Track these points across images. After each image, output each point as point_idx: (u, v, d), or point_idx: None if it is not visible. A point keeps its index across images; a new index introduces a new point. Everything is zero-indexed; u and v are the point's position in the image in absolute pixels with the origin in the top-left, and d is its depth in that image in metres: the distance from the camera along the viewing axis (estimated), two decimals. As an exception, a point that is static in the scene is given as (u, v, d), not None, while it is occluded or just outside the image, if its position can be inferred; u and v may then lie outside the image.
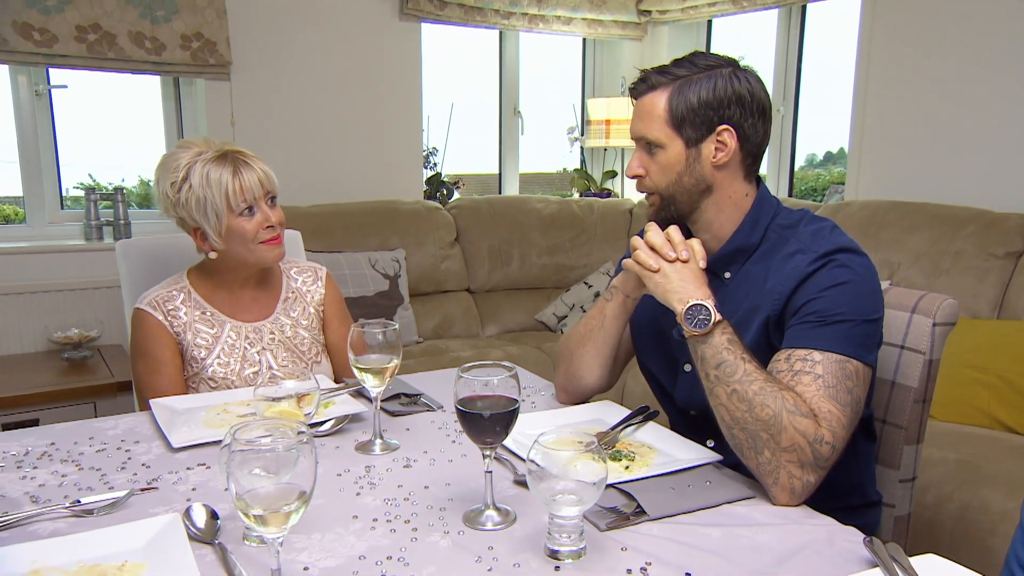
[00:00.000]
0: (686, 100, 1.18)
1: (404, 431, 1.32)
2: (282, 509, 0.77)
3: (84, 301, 2.88)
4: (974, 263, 2.48)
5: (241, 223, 1.51)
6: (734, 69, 1.19)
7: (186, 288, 1.60)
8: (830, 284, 1.12)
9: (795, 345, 1.11)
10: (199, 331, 1.57)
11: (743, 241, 1.24)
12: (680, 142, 1.21)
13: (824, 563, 0.89)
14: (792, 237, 1.20)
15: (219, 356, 1.57)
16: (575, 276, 3.59)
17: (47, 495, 1.07)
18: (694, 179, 1.22)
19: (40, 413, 2.42)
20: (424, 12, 3.49)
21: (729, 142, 1.19)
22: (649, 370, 1.40)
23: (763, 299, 1.18)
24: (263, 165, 1.55)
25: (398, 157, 3.60)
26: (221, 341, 1.58)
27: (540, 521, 0.97)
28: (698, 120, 1.19)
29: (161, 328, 1.54)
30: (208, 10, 2.97)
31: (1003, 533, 1.75)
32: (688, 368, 1.29)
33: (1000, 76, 2.73)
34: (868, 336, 1.12)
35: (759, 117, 1.20)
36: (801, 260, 1.15)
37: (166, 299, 1.57)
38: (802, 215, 1.24)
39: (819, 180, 3.89)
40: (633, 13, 4.00)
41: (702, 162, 1.21)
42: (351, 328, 1.24)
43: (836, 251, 1.14)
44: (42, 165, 3.00)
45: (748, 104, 1.18)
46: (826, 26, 3.57)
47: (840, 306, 1.10)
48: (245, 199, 1.50)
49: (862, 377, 1.10)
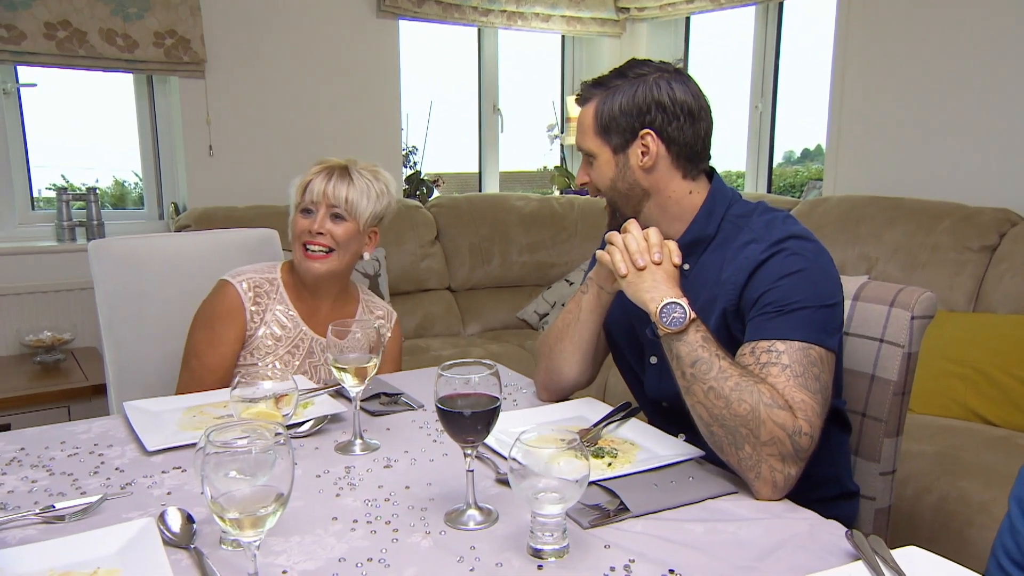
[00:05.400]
0: (609, 109, 1.23)
1: (384, 431, 1.31)
2: (258, 512, 0.75)
3: (57, 303, 2.83)
4: (950, 257, 2.51)
5: (298, 219, 1.61)
6: (660, 75, 1.22)
7: (277, 281, 1.63)
8: (784, 273, 1.13)
9: (757, 337, 1.12)
10: (275, 321, 1.60)
11: (699, 233, 1.25)
12: (608, 149, 1.26)
13: (807, 557, 0.90)
14: (745, 227, 1.22)
15: (284, 356, 1.60)
16: (556, 273, 3.59)
17: (16, 501, 1.04)
18: (627, 184, 1.26)
19: (11, 418, 2.37)
20: (401, 9, 3.46)
21: (652, 146, 1.22)
22: (624, 364, 1.41)
23: (719, 290, 1.20)
24: (365, 191, 1.60)
25: (377, 155, 3.55)
26: (291, 343, 1.61)
27: (522, 520, 0.97)
28: (621, 127, 1.23)
29: (240, 306, 1.57)
30: (182, 7, 2.92)
31: (981, 524, 1.77)
32: (654, 360, 1.31)
33: (976, 71, 2.76)
34: (827, 321, 1.13)
35: (686, 119, 1.22)
36: (753, 250, 1.17)
37: (258, 284, 1.60)
38: (756, 206, 1.26)
39: (797, 176, 3.92)
40: (612, 10, 4.00)
41: (631, 167, 1.25)
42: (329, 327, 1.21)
43: (787, 238, 1.15)
44: (12, 165, 2.94)
45: (669, 109, 1.21)
46: (803, 23, 3.60)
47: (796, 294, 1.11)
48: (312, 199, 1.59)
49: (826, 362, 1.11)
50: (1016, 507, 0.88)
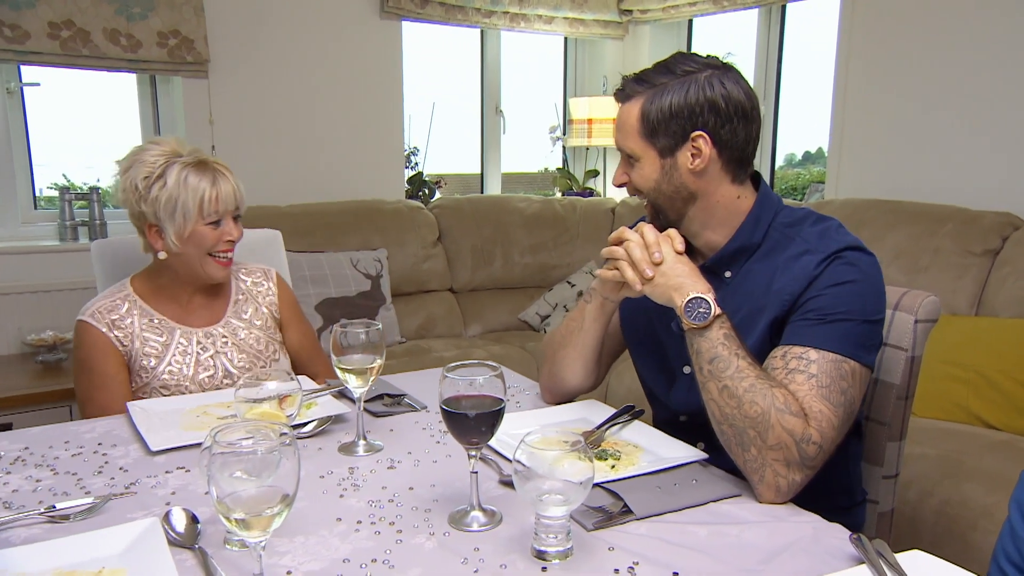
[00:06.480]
0: (658, 110, 1.16)
1: (388, 432, 1.31)
2: (264, 512, 0.75)
3: (59, 303, 2.83)
4: (953, 260, 2.51)
5: (206, 231, 1.52)
6: (712, 73, 1.15)
7: (130, 296, 1.57)
8: (834, 282, 1.11)
9: (792, 342, 1.10)
10: (147, 339, 1.54)
11: (745, 241, 1.22)
12: (654, 152, 1.19)
13: (811, 560, 0.89)
14: (797, 237, 1.18)
15: (170, 364, 1.54)
16: (558, 275, 3.59)
17: (21, 501, 1.04)
18: (673, 187, 1.20)
19: (13, 417, 2.37)
20: (404, 10, 3.47)
21: (704, 149, 1.16)
22: (641, 373, 1.39)
23: (769, 300, 1.17)
24: (237, 181, 1.56)
25: (379, 156, 3.58)
26: (172, 348, 1.55)
27: (526, 522, 0.97)
28: (671, 129, 1.16)
29: (105, 340, 1.51)
30: (185, 7, 2.93)
31: (984, 528, 1.77)
32: (687, 370, 1.27)
33: (979, 75, 2.76)
34: (868, 336, 1.11)
35: (739, 121, 1.16)
36: (809, 261, 1.14)
37: (110, 309, 1.54)
38: (806, 214, 1.22)
39: (799, 179, 3.92)
40: (614, 12, 4.00)
41: (679, 170, 1.19)
42: (333, 328, 1.22)
43: (844, 249, 1.13)
44: (14, 165, 2.94)
45: (723, 110, 1.15)
46: (806, 26, 3.60)
47: (842, 304, 1.09)
48: (218, 210, 1.52)
49: (858, 378, 1.09)
50: (1016, 511, 0.88)
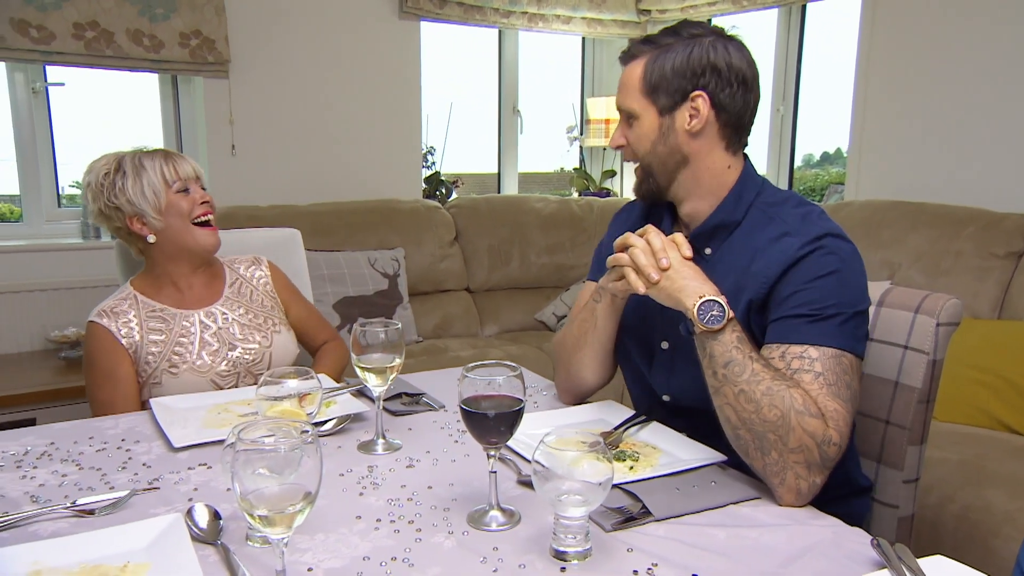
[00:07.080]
0: (660, 68, 1.18)
1: (406, 431, 1.31)
2: (287, 510, 0.76)
3: (82, 300, 2.86)
4: (975, 263, 2.48)
5: (178, 199, 1.58)
6: (716, 39, 1.18)
7: (132, 295, 1.61)
8: (819, 273, 1.10)
9: (790, 340, 1.10)
10: (152, 329, 1.57)
11: (726, 217, 1.22)
12: (654, 110, 1.21)
13: (831, 564, 0.89)
14: (777, 217, 1.18)
15: (175, 347, 1.57)
16: (575, 275, 3.58)
17: (47, 495, 1.06)
18: (668, 148, 1.21)
19: (37, 412, 2.41)
20: (423, 11, 3.48)
21: (703, 109, 1.18)
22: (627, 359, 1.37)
23: (747, 280, 1.16)
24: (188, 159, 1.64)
25: (397, 156, 3.59)
26: (175, 332, 1.59)
27: (545, 522, 0.97)
28: (671, 88, 1.18)
29: (111, 337, 1.54)
30: (207, 8, 2.96)
31: (1006, 534, 1.75)
32: (665, 345, 1.27)
33: (1000, 76, 2.73)
34: (858, 327, 1.12)
35: (739, 87, 1.18)
36: (790, 244, 1.13)
37: (114, 307, 1.57)
38: (788, 196, 1.22)
39: (817, 180, 3.89)
40: (633, 12, 3.99)
41: (676, 130, 1.20)
42: (353, 327, 1.23)
43: (825, 235, 1.12)
44: (39, 163, 2.99)
45: (724, 74, 1.17)
46: (826, 26, 3.57)
47: (831, 297, 1.09)
48: (180, 178, 1.59)
49: (856, 370, 1.10)
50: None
